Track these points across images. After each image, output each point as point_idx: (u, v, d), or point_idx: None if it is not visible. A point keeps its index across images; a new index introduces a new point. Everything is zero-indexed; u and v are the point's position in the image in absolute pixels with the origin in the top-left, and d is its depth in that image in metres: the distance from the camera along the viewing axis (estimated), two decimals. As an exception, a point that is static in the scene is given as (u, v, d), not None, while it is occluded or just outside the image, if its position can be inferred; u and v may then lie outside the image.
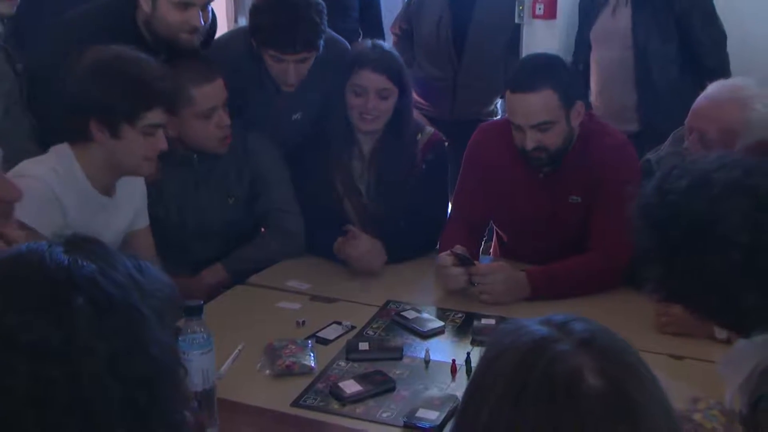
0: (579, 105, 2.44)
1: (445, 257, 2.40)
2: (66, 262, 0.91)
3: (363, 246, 2.55)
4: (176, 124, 2.47)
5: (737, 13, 3.67)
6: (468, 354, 2.02)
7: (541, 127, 2.38)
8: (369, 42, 2.74)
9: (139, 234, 2.38)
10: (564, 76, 2.43)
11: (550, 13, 4.01)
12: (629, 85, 3.43)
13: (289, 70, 2.58)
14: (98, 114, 2.09)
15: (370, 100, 2.61)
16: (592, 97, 3.55)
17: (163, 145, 2.17)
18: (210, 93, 2.46)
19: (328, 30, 2.67)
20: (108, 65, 2.11)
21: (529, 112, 2.38)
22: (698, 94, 2.41)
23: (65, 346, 0.86)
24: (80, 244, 0.96)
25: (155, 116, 2.13)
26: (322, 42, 2.59)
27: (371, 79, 2.60)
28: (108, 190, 2.23)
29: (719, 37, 3.41)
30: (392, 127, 2.69)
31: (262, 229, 2.78)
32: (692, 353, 2.07)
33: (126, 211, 2.30)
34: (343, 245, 2.56)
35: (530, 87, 2.36)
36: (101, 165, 2.17)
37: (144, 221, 2.40)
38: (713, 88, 2.36)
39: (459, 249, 2.41)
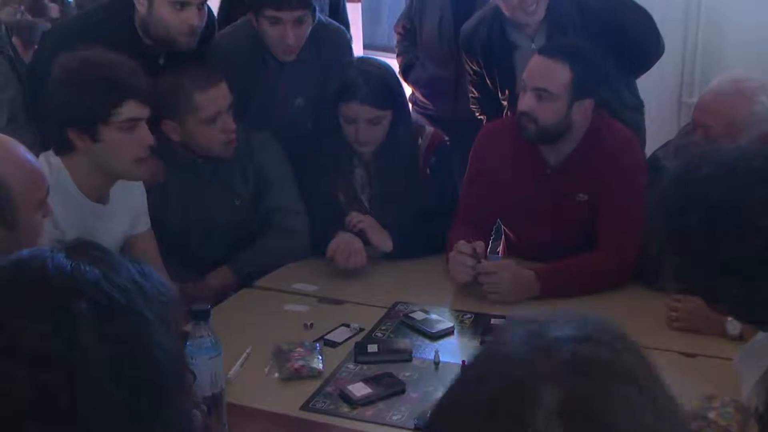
0: (587, 102, 2.42)
1: (466, 244, 2.39)
2: (68, 267, 0.90)
3: (335, 241, 2.53)
4: (180, 129, 2.46)
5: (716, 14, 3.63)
6: (478, 354, 2.00)
7: (541, 93, 2.38)
8: (357, 69, 2.68)
9: (141, 238, 2.35)
10: (588, 67, 2.42)
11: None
12: None
13: (288, 31, 2.60)
14: (73, 121, 2.07)
15: (361, 129, 2.60)
16: None
17: (148, 139, 2.13)
18: (214, 98, 2.46)
19: (322, 15, 2.72)
20: (73, 71, 2.09)
21: (537, 72, 2.41)
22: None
23: (67, 352, 0.85)
24: (83, 249, 0.95)
25: (129, 110, 2.09)
26: (316, 6, 2.64)
27: (359, 111, 2.59)
28: (102, 198, 2.19)
29: (648, 21, 2.88)
30: (391, 137, 2.67)
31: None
32: (704, 350, 2.05)
33: (122, 217, 2.27)
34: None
35: (552, 55, 2.42)
36: (91, 172, 2.13)
37: (145, 225, 2.37)
38: (717, 82, 2.35)
39: (480, 247, 2.39)
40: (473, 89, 3.08)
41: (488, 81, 2.97)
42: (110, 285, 0.90)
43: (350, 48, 3.01)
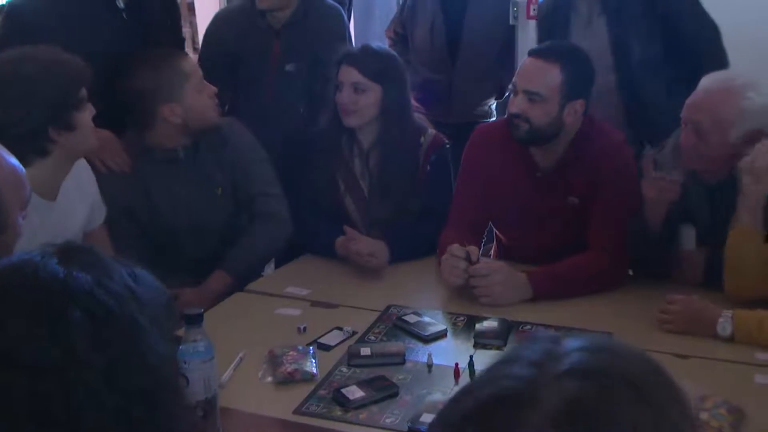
0: (578, 103, 2.43)
1: (459, 248, 2.39)
2: (61, 273, 0.89)
3: (367, 246, 2.55)
4: (180, 108, 2.50)
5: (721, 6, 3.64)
6: (471, 357, 2.00)
7: (532, 96, 2.40)
8: (362, 44, 2.87)
9: (94, 235, 2.34)
10: (579, 69, 2.45)
11: (545, 13, 3.99)
12: (616, 112, 2.98)
13: None
14: (52, 120, 2.06)
15: (344, 93, 2.66)
16: None
17: (92, 109, 2.18)
18: (194, 63, 2.66)
19: None
20: (21, 74, 2.06)
21: (529, 76, 2.44)
22: None
23: (62, 359, 0.84)
24: (75, 254, 0.94)
25: (85, 91, 2.14)
26: None
27: (345, 73, 2.67)
28: (52, 194, 2.17)
29: (712, 32, 3.04)
30: (386, 123, 2.70)
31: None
32: (697, 352, 2.05)
33: (75, 211, 2.25)
34: (347, 242, 2.56)
35: (544, 56, 2.44)
36: (52, 170, 2.12)
37: (98, 221, 2.37)
38: (706, 80, 2.37)
39: (474, 251, 2.39)
40: None
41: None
42: (103, 291, 0.89)
43: (346, 25, 3.14)
